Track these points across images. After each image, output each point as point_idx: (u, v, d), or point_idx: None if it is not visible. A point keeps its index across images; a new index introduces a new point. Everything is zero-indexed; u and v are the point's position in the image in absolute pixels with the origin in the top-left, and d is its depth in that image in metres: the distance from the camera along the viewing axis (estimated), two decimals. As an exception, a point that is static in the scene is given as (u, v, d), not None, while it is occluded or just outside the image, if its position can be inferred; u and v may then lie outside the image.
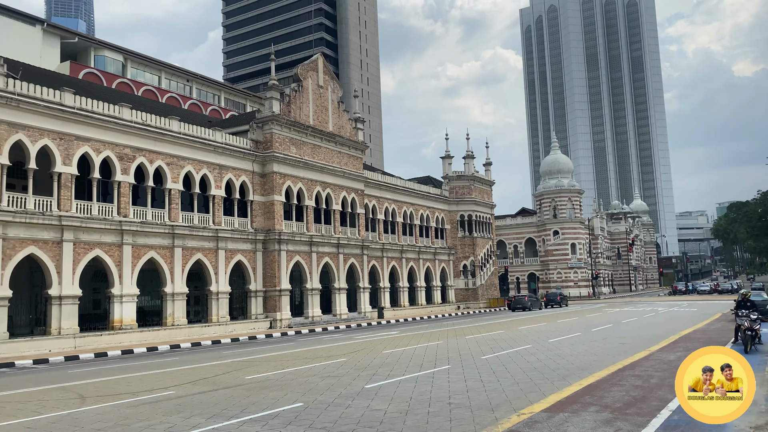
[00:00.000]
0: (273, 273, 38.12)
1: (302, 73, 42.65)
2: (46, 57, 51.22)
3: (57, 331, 27.05)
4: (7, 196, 26.10)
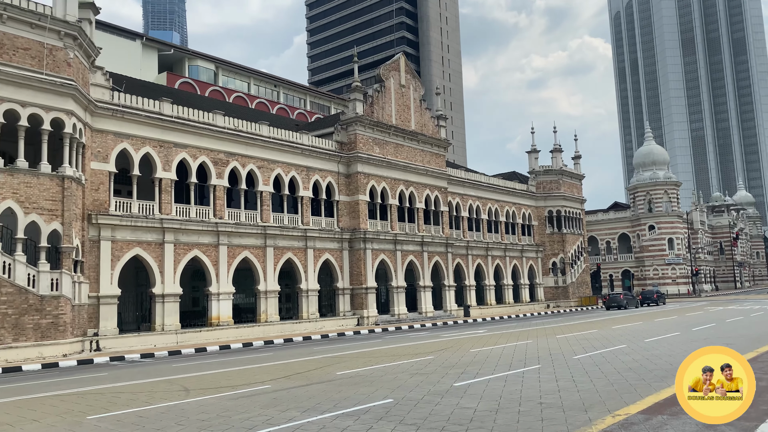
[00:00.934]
0: (359, 271, 38.79)
1: (384, 74, 43.07)
2: (145, 69, 54.60)
3: (161, 327, 28.83)
4: (115, 201, 28.09)
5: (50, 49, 24.38)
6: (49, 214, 23.80)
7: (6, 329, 22.13)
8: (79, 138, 25.51)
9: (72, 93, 24.76)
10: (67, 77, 24.71)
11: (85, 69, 26.70)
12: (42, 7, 24.45)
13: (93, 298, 26.64)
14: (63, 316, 23.67)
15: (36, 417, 10.81)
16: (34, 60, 23.92)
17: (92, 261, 26.84)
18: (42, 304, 23.09)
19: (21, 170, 23.27)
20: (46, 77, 24.00)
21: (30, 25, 23.83)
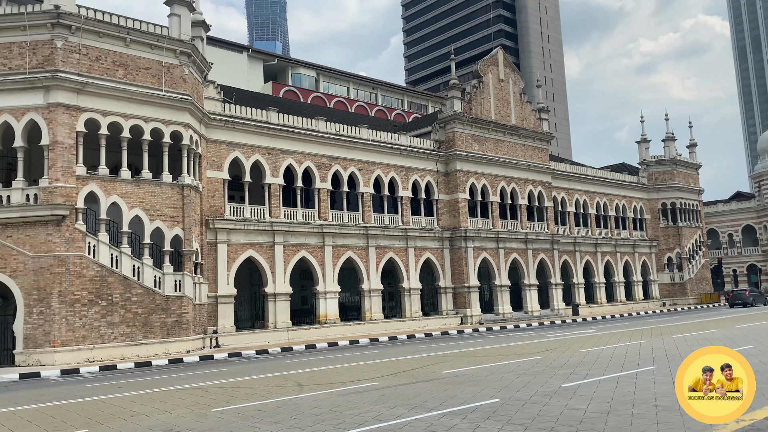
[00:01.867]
0: (461, 270, 38.66)
1: (482, 69, 42.63)
2: (252, 80, 57.40)
3: (273, 324, 30.29)
4: (229, 206, 29.85)
5: (167, 67, 26.33)
6: (171, 220, 25.72)
7: (137, 327, 24.18)
8: (196, 149, 27.35)
9: (188, 107, 26.59)
10: (184, 93, 26.57)
11: (198, 84, 28.57)
12: (159, 28, 26.45)
13: (212, 298, 28.47)
14: (186, 314, 25.50)
15: (167, 408, 11.79)
16: (154, 78, 25.93)
17: (210, 263, 28.68)
18: (167, 304, 25.01)
19: (146, 180, 25.33)
20: (165, 93, 25.96)
21: (150, 46, 25.85)
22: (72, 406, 12.62)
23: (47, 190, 23.08)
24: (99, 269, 23.60)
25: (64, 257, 22.87)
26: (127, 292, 24.12)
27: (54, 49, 23.60)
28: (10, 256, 22.76)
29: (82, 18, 24.01)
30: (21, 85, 23.30)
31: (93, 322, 23.23)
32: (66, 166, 23.37)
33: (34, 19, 23.47)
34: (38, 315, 22.47)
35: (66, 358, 22.26)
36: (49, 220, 22.90)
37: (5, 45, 23.61)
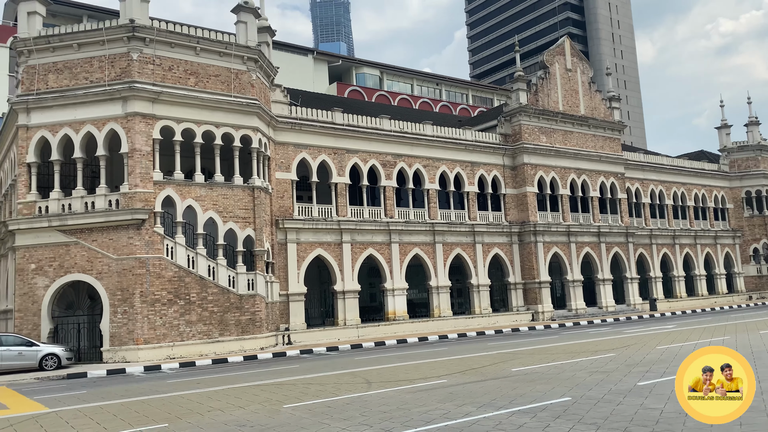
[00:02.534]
0: (531, 265, 37.92)
1: (548, 59, 41.62)
2: (317, 81, 58.39)
3: (343, 322, 30.73)
4: (298, 206, 30.49)
5: (236, 73, 27.16)
6: (243, 221, 26.54)
7: (213, 325, 25.12)
8: (265, 151, 28.09)
9: (256, 111, 27.34)
10: (252, 97, 27.33)
11: (266, 88, 29.31)
12: (227, 36, 27.32)
13: (283, 296, 29.18)
14: (259, 312, 26.27)
15: (241, 404, 12.20)
16: (224, 84, 26.82)
17: (281, 262, 29.41)
18: (241, 302, 25.84)
19: (218, 184, 26.25)
20: (234, 99, 26.79)
21: (219, 53, 26.74)
22: (153, 401, 13.26)
23: (127, 196, 24.33)
24: (177, 270, 24.66)
25: (144, 259, 24.04)
26: (203, 292, 25.08)
27: (130, 61, 24.82)
28: (95, 258, 24.14)
29: (155, 30, 25.12)
30: (101, 96, 24.65)
31: (172, 321, 24.31)
32: (144, 172, 24.54)
33: (112, 34, 24.76)
34: (122, 314, 23.73)
35: (148, 355, 23.41)
36: (130, 224, 24.13)
37: (86, 60, 25.04)
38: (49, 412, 12.51)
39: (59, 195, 24.73)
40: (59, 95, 24.71)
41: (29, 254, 24.21)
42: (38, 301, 23.88)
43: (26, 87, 25.06)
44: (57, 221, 24.18)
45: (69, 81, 24.97)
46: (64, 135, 24.71)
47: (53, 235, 24.21)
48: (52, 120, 24.79)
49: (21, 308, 23.98)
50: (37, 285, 24.00)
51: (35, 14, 25.48)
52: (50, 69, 25.09)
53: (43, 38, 24.93)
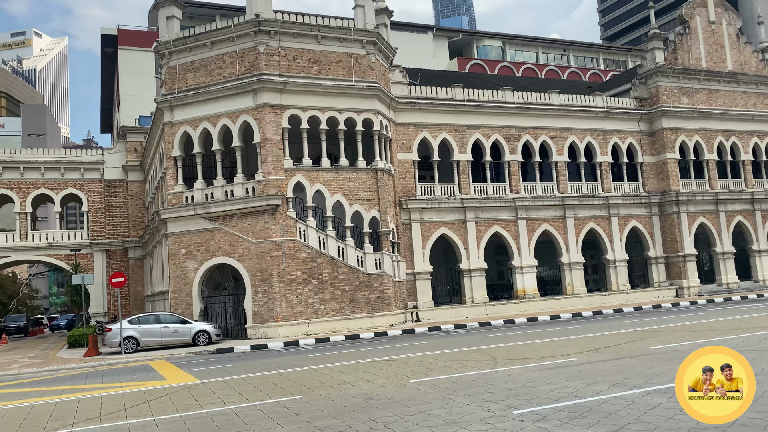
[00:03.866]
0: (673, 237, 35.29)
1: (687, 13, 38.10)
2: (437, 58, 58.00)
3: (470, 300, 30.60)
4: (420, 186, 30.65)
5: (355, 57, 27.68)
6: (368, 203, 27.18)
7: (345, 303, 26.10)
8: (386, 133, 28.47)
9: (377, 94, 27.73)
10: (372, 81, 27.75)
11: (385, 70, 29.60)
12: (346, 21, 27.87)
13: (410, 275, 29.60)
14: (387, 291, 26.88)
15: (370, 378, 12.59)
16: (344, 70, 27.45)
17: (406, 242, 29.80)
18: (370, 281, 26.58)
19: (343, 168, 27.04)
20: (355, 83, 27.36)
21: (339, 39, 27.38)
22: (290, 375, 14.07)
23: (262, 183, 25.82)
24: (309, 251, 25.86)
25: (279, 242, 25.45)
26: (334, 272, 26.11)
27: (258, 54, 26.15)
28: (237, 243, 25.95)
29: (278, 22, 26.23)
30: (234, 90, 26.24)
31: (307, 299, 25.58)
32: (276, 160, 25.88)
33: (240, 30, 26.21)
34: (262, 294, 25.36)
35: (287, 331, 24.86)
36: (265, 210, 25.61)
37: (219, 56, 26.75)
38: (199, 383, 13.71)
39: (202, 185, 26.80)
40: (197, 92, 26.66)
41: (180, 240, 26.56)
42: (189, 283, 26.18)
43: (169, 86, 27.31)
44: (202, 209, 26.26)
45: (205, 78, 26.84)
46: (203, 129, 26.67)
47: (199, 222, 26.36)
48: (192, 116, 26.83)
49: (175, 289, 26.44)
50: (187, 268, 26.30)
51: (173, 18, 27.58)
52: (188, 68, 27.10)
53: (180, 40, 26.97)
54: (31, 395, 14.01)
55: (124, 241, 37.89)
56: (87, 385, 15.00)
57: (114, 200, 38.02)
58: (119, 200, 38.17)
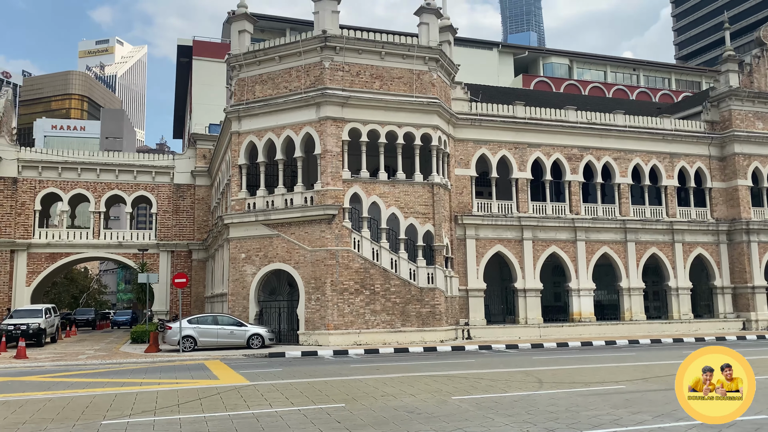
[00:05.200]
0: (742, 267, 33.77)
1: (766, 35, 36.63)
2: (502, 74, 57.79)
3: (524, 320, 30.21)
4: (477, 202, 30.60)
5: (417, 73, 28.04)
6: (423, 217, 27.37)
7: (395, 315, 26.30)
8: (444, 149, 28.64)
9: (436, 110, 27.97)
10: (432, 96, 28.02)
11: (446, 86, 29.84)
12: (410, 38, 28.30)
13: (462, 291, 29.53)
14: (438, 306, 26.92)
15: (413, 392, 12.74)
16: (406, 85, 27.84)
17: (460, 258, 29.77)
18: (421, 295, 26.69)
19: (400, 181, 27.36)
20: (415, 99, 27.70)
21: (402, 56, 27.82)
22: (336, 383, 14.39)
23: (320, 193, 26.45)
24: (363, 262, 26.24)
25: (334, 251, 25.96)
26: (386, 283, 26.38)
27: (323, 69, 26.91)
28: (293, 250, 26.64)
29: (344, 39, 26.92)
30: (298, 103, 27.06)
31: (359, 309, 25.94)
32: (334, 171, 26.47)
33: (307, 45, 27.05)
34: (315, 301, 25.91)
35: (338, 340, 25.27)
36: (322, 219, 26.21)
37: (286, 70, 27.68)
38: (249, 385, 14.22)
39: (264, 193, 27.69)
40: (264, 104, 27.64)
41: (240, 245, 27.50)
42: (247, 287, 27.04)
43: (237, 97, 28.44)
44: (262, 216, 27.14)
45: (272, 90, 27.81)
46: (268, 139, 27.60)
47: (259, 228, 27.22)
48: (258, 126, 27.83)
49: (233, 292, 27.36)
50: (246, 272, 27.18)
51: (245, 32, 28.76)
52: (257, 80, 28.16)
53: (250, 53, 28.07)
54: (95, 385, 14.88)
55: (189, 243, 39.43)
56: (145, 380, 15.80)
57: (182, 203, 39.67)
58: (186, 204, 39.80)
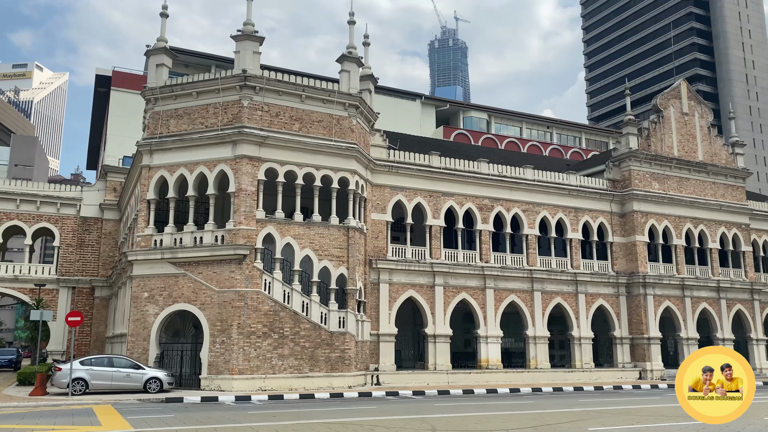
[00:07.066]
0: (639, 319, 35.59)
1: (662, 103, 39.73)
2: (424, 125, 59.51)
3: (433, 366, 30.39)
4: (392, 247, 30.93)
5: (337, 118, 28.45)
6: (337, 260, 27.34)
7: (304, 360, 25.83)
8: (361, 193, 28.95)
9: (355, 155, 28.36)
10: (351, 142, 28.43)
11: (365, 132, 30.39)
12: (330, 84, 28.78)
13: (374, 336, 29.45)
14: (348, 351, 26.69)
15: (304, 439, 12.46)
16: (325, 129, 28.15)
17: (373, 302, 29.80)
18: (332, 339, 26.41)
19: (315, 223, 27.33)
20: (334, 143, 28.01)
21: (322, 101, 28.20)
22: (224, 430, 13.87)
23: (232, 232, 25.97)
24: (273, 304, 25.77)
25: (243, 292, 25.38)
26: (296, 327, 25.96)
27: (241, 107, 26.82)
28: (200, 290, 25.85)
29: (264, 79, 27.04)
30: (214, 140, 26.74)
31: (266, 353, 25.31)
32: (248, 210, 26.13)
33: (226, 83, 26.96)
34: (220, 344, 25.08)
35: (242, 385, 24.45)
36: (232, 259, 25.65)
37: (203, 106, 27.39)
38: None
39: (172, 230, 26.89)
40: (178, 138, 27.13)
41: (143, 283, 26.41)
42: (148, 327, 25.87)
43: (151, 131, 27.80)
44: (169, 254, 26.26)
45: (187, 125, 27.39)
46: (180, 175, 26.99)
47: (165, 267, 26.29)
48: (170, 161, 27.20)
49: (133, 333, 26.10)
50: (148, 312, 26.05)
51: (163, 66, 28.35)
52: (172, 115, 27.68)
53: (167, 87, 27.65)
54: (-41, 431, 13.67)
55: (92, 280, 37.48)
56: (19, 426, 14.66)
57: (87, 238, 37.84)
58: (92, 238, 37.99)
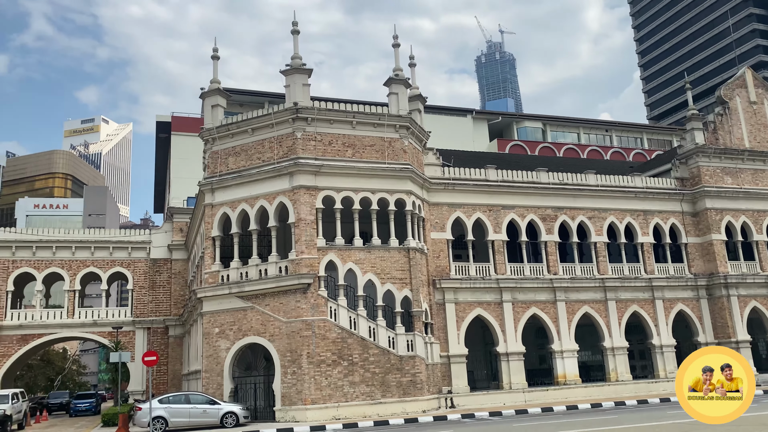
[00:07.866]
0: (724, 322, 33.56)
1: (726, 94, 37.91)
2: (477, 139, 58.90)
3: (508, 385, 29.49)
4: (454, 265, 30.44)
5: (389, 141, 28.46)
6: (400, 282, 27.08)
7: (375, 386, 25.54)
8: (419, 213, 28.72)
9: (409, 175, 28.23)
10: (404, 162, 28.33)
11: (418, 152, 30.26)
12: (380, 108, 28.88)
13: (444, 357, 28.88)
14: (419, 374, 26.22)
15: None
16: (378, 153, 28.19)
17: (440, 323, 29.31)
18: (401, 364, 26.04)
19: (375, 247, 27.23)
20: (388, 166, 27.97)
21: (373, 125, 28.30)
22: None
23: (294, 262, 26.19)
24: (340, 331, 25.70)
25: (310, 321, 25.45)
26: (365, 353, 25.76)
27: (295, 139, 27.23)
28: (268, 322, 26.10)
29: (315, 110, 27.41)
30: (272, 174, 27.20)
31: (337, 381, 25.19)
32: (309, 239, 26.32)
33: (279, 117, 27.48)
34: (291, 375, 25.15)
35: (315, 415, 24.37)
36: (296, 289, 25.83)
37: (259, 142, 27.97)
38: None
39: (238, 264, 27.37)
40: (237, 175, 27.76)
41: (213, 319, 26.91)
42: (221, 362, 26.27)
43: (211, 170, 28.58)
44: (236, 288, 26.70)
45: (245, 162, 28.00)
46: (241, 210, 27.53)
47: (233, 301, 26.74)
48: (231, 197, 27.83)
49: (207, 369, 26.54)
50: (220, 347, 26.48)
51: (218, 107, 29.22)
52: (230, 152, 28.40)
53: (223, 126, 28.42)
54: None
55: (165, 319, 38.61)
56: (104, 466, 14.97)
57: (158, 278, 39.11)
58: (163, 279, 39.23)
